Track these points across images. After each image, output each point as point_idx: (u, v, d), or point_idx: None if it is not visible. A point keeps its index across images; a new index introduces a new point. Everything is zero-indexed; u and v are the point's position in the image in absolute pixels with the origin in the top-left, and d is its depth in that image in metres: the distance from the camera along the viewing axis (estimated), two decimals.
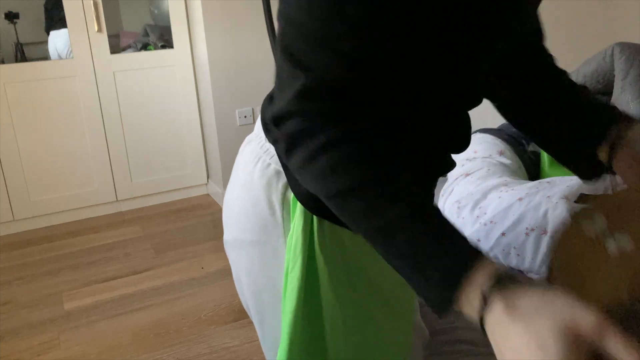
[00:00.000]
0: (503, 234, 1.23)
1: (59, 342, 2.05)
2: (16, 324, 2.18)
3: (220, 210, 3.24)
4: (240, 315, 2.14)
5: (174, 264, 2.60)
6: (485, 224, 1.27)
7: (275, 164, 0.72)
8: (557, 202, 1.17)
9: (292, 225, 0.70)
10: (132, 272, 2.55)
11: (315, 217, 0.69)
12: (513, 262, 1.24)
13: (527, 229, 1.20)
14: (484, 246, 1.28)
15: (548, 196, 1.20)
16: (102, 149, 3.16)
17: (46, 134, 3.02)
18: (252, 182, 0.74)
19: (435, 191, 1.68)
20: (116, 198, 3.26)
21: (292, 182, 0.70)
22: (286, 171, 0.71)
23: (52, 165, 3.08)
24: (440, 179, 1.83)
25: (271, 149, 0.73)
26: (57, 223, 3.17)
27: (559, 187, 1.21)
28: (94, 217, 3.23)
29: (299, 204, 0.69)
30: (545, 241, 1.17)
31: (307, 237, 0.69)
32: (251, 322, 2.08)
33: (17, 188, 3.02)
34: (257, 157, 0.74)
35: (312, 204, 0.68)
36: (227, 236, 0.84)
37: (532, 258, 1.19)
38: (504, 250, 1.24)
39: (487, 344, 1.02)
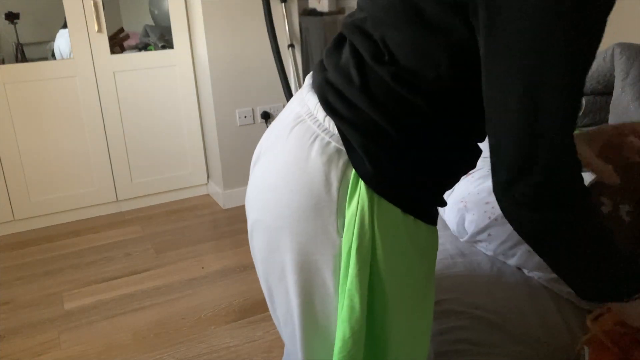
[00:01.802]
0: None
1: (59, 342, 2.05)
2: (16, 323, 2.18)
3: (220, 210, 3.24)
4: (240, 315, 2.14)
5: (174, 264, 2.60)
6: (496, 219, 1.27)
7: (336, 142, 0.75)
8: None
9: (355, 202, 0.73)
10: (132, 272, 2.55)
11: (375, 196, 0.73)
12: (522, 258, 1.24)
13: None
14: (495, 240, 1.28)
15: None
16: (102, 149, 3.16)
17: (46, 134, 3.03)
18: (308, 159, 0.76)
19: None
20: (116, 198, 3.26)
21: (356, 160, 0.74)
22: (348, 149, 0.74)
23: (52, 165, 3.08)
24: None
25: (330, 127, 0.76)
26: (57, 223, 3.17)
27: None
28: (94, 217, 3.23)
29: (361, 181, 0.73)
30: None
31: (372, 213, 0.73)
32: (251, 322, 2.08)
33: (17, 188, 3.02)
34: (313, 134, 0.77)
35: (375, 184, 0.73)
36: (261, 217, 0.84)
37: None
38: (515, 245, 1.24)
39: (487, 344, 1.02)
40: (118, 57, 3.10)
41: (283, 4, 3.12)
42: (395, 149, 0.73)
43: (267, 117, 3.23)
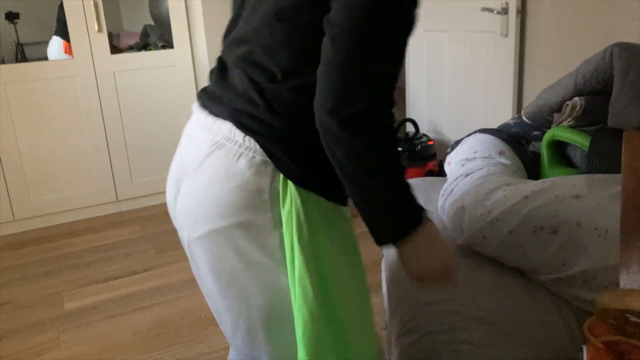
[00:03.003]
0: (510, 231, 1.23)
1: (59, 342, 2.05)
2: (16, 323, 2.18)
3: None
4: None
5: (174, 264, 2.60)
6: (491, 222, 1.27)
7: (260, 155, 0.86)
8: (568, 202, 1.17)
9: (288, 200, 0.85)
10: (132, 272, 2.55)
11: (303, 191, 0.85)
12: (518, 260, 1.24)
13: (535, 227, 1.20)
14: (491, 243, 1.28)
15: (556, 195, 1.20)
16: (102, 149, 3.17)
17: (46, 134, 3.03)
18: (236, 175, 0.86)
19: (436, 191, 1.69)
20: (116, 198, 3.26)
21: (282, 166, 0.85)
22: (272, 157, 0.85)
23: (52, 165, 3.08)
24: (440, 179, 1.84)
25: (251, 145, 0.86)
26: (57, 223, 3.17)
27: (566, 187, 1.21)
28: (94, 217, 3.24)
29: (289, 182, 0.85)
30: (555, 241, 1.17)
31: (304, 207, 0.84)
32: None
33: (18, 188, 3.02)
34: (236, 154, 0.87)
35: (300, 179, 0.85)
36: (198, 232, 0.91)
37: (539, 257, 1.19)
38: (510, 248, 1.24)
39: (486, 345, 1.02)
40: (118, 57, 3.10)
41: None
42: (310, 146, 0.85)
43: None
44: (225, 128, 0.89)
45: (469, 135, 1.68)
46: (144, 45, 3.34)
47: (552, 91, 1.62)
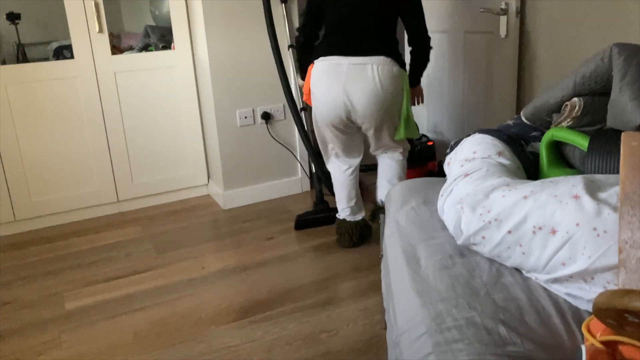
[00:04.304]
0: (509, 231, 1.24)
1: (60, 342, 2.06)
2: (17, 323, 2.19)
3: (221, 210, 3.25)
4: (240, 315, 2.15)
5: (175, 264, 2.61)
6: (490, 222, 1.27)
7: (397, 64, 2.33)
8: (567, 203, 1.17)
9: (404, 77, 2.38)
10: (133, 272, 2.56)
11: (405, 72, 2.40)
12: (517, 260, 1.25)
13: (534, 227, 1.20)
14: (490, 243, 1.28)
15: (555, 195, 1.20)
16: (103, 149, 3.17)
17: (47, 134, 3.03)
18: (394, 73, 2.31)
19: (435, 191, 1.69)
20: (117, 198, 3.27)
21: (401, 65, 2.35)
22: (400, 64, 2.35)
23: (53, 165, 3.08)
24: (440, 179, 1.84)
25: (392, 62, 2.32)
26: (58, 223, 3.17)
27: (565, 187, 1.21)
28: (95, 218, 3.24)
29: (402, 70, 2.37)
30: (555, 241, 1.17)
31: (405, 76, 2.40)
32: (251, 322, 2.08)
33: (18, 188, 3.03)
34: (392, 66, 2.30)
35: (405, 68, 2.40)
36: (383, 100, 2.33)
37: (537, 256, 1.20)
38: (509, 247, 1.25)
39: (485, 345, 1.03)
40: (119, 57, 3.11)
41: (283, 4, 3.13)
42: (401, 55, 2.37)
43: (267, 117, 3.24)
44: (381, 58, 2.26)
45: (469, 135, 1.68)
46: (144, 46, 3.35)
47: (551, 92, 1.62)
